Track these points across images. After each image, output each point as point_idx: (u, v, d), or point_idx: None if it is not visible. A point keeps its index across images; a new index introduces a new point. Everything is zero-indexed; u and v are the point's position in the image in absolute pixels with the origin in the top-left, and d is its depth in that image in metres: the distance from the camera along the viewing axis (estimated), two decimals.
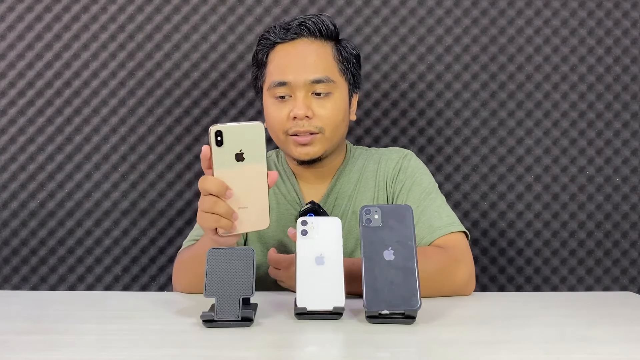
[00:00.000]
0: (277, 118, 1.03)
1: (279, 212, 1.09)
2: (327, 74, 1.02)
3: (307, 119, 1.01)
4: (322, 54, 1.04)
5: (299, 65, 1.02)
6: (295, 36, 1.04)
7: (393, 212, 0.77)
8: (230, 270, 0.72)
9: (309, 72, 1.01)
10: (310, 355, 0.63)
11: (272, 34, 1.05)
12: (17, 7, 1.34)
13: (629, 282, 1.43)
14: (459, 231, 1.01)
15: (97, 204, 1.36)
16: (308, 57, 1.02)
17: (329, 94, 1.03)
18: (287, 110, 1.02)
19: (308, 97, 1.02)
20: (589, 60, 1.42)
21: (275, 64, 1.04)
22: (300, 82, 1.01)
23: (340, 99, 1.04)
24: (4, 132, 1.34)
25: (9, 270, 1.35)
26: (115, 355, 0.60)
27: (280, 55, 1.04)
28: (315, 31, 1.04)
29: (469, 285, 0.96)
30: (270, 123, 1.05)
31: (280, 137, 1.04)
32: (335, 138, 1.05)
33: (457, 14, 1.40)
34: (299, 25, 1.03)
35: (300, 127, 1.01)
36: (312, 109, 1.01)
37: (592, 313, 0.85)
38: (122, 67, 1.36)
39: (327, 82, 1.02)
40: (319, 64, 1.03)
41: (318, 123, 1.02)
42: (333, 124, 1.03)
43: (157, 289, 1.37)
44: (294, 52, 1.03)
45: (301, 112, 1.00)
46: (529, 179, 1.42)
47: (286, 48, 1.04)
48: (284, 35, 1.04)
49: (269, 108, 1.05)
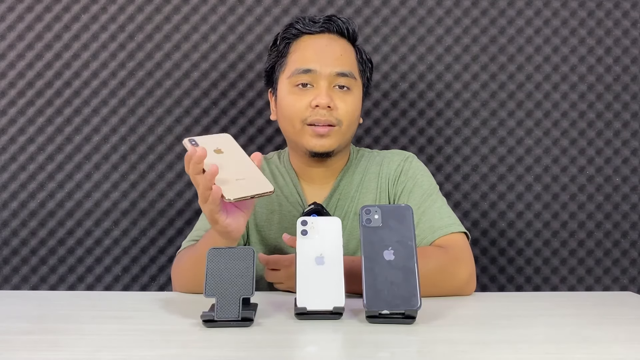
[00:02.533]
0: (295, 106, 1.03)
1: (281, 213, 1.09)
2: (351, 69, 1.05)
3: (328, 109, 1.01)
4: (347, 50, 1.06)
5: (326, 56, 1.03)
6: (323, 30, 1.06)
7: (393, 212, 0.76)
8: (230, 270, 0.72)
9: (336, 64, 1.03)
10: (310, 355, 0.63)
11: (299, 24, 1.06)
12: (17, 7, 1.34)
13: (629, 282, 1.43)
14: (460, 232, 1.01)
15: (97, 204, 1.36)
16: (335, 50, 1.04)
17: (349, 90, 1.04)
18: (307, 98, 1.02)
19: (331, 89, 1.03)
20: (589, 60, 1.42)
21: (300, 53, 1.04)
22: (325, 72, 1.02)
23: (358, 97, 1.07)
24: (4, 132, 1.34)
25: (9, 270, 1.35)
26: (115, 355, 0.60)
27: (306, 44, 1.05)
28: (343, 29, 1.06)
29: (469, 285, 0.96)
30: (287, 111, 1.04)
31: (296, 126, 1.03)
32: (349, 134, 1.06)
33: (457, 14, 1.40)
34: (327, 20, 1.06)
35: (321, 117, 1.01)
36: (334, 100, 1.02)
37: (592, 313, 0.85)
38: (122, 67, 1.36)
39: (350, 77, 1.04)
40: (345, 58, 1.05)
41: (338, 115, 1.03)
42: (351, 118, 1.04)
43: (157, 289, 1.37)
44: (322, 43, 1.05)
45: (324, 101, 1.00)
46: (529, 179, 1.42)
47: (313, 39, 1.06)
48: (311, 27, 1.06)
49: (287, 96, 1.04)
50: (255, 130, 1.38)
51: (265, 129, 1.37)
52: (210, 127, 1.37)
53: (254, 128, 1.38)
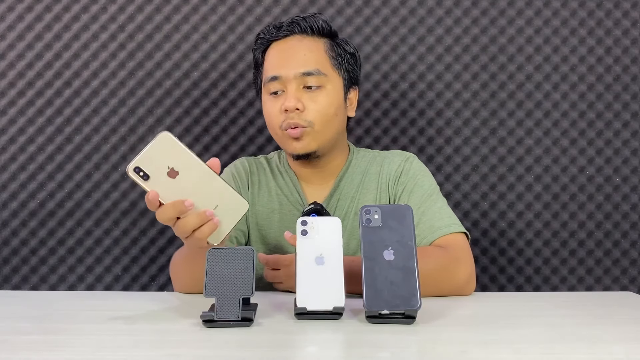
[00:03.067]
0: (271, 113, 1.04)
1: (281, 213, 1.09)
2: (317, 67, 1.03)
3: (297, 111, 1.01)
4: (313, 48, 1.05)
5: (290, 59, 1.03)
6: (288, 33, 1.06)
7: (393, 212, 0.76)
8: (230, 270, 0.72)
9: (299, 65, 1.02)
10: (310, 355, 0.63)
11: (266, 33, 1.07)
12: (17, 7, 1.34)
13: (629, 282, 1.43)
14: (460, 232, 1.01)
15: (97, 204, 1.36)
16: (299, 51, 1.04)
17: (320, 87, 1.03)
18: (279, 104, 1.03)
19: (299, 90, 1.03)
20: (589, 60, 1.42)
21: (269, 61, 1.06)
22: (290, 76, 1.02)
23: (332, 93, 1.04)
24: (4, 132, 1.34)
25: (9, 270, 1.35)
26: (115, 355, 0.60)
27: (273, 52, 1.06)
28: (307, 28, 1.05)
29: (469, 285, 0.96)
30: (267, 119, 1.07)
31: (277, 133, 1.05)
32: (328, 132, 1.05)
33: (457, 14, 1.40)
34: (290, 23, 1.06)
35: (291, 120, 1.02)
36: (302, 102, 1.02)
37: (592, 313, 0.85)
38: (122, 67, 1.36)
39: (317, 74, 1.03)
40: (309, 57, 1.04)
41: (308, 117, 1.02)
42: (324, 117, 1.03)
43: (157, 289, 1.37)
44: (286, 48, 1.05)
45: (291, 104, 1.00)
46: (529, 179, 1.42)
47: (279, 45, 1.06)
48: (276, 33, 1.06)
49: (265, 104, 1.07)
50: (255, 130, 1.38)
51: (264, 129, 1.37)
52: (210, 127, 1.37)
53: (254, 128, 1.38)
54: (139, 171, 0.73)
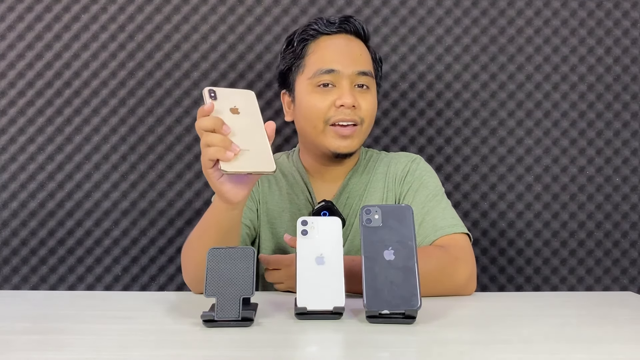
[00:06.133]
0: (318, 106, 1.03)
1: (291, 211, 1.10)
2: (370, 68, 1.06)
3: (352, 108, 1.02)
4: (364, 50, 1.08)
5: (347, 56, 1.04)
6: (340, 30, 1.07)
7: (393, 212, 0.76)
8: (231, 270, 0.72)
9: (357, 64, 1.04)
10: (310, 355, 0.63)
11: (317, 25, 1.07)
12: (17, 7, 1.34)
13: (629, 282, 1.43)
14: (462, 232, 1.01)
15: (97, 204, 1.36)
16: (354, 50, 1.06)
17: (369, 88, 1.06)
18: (330, 98, 1.03)
19: (352, 88, 1.04)
20: (589, 60, 1.42)
21: (320, 54, 1.05)
22: (347, 72, 1.03)
23: (375, 95, 1.09)
24: (4, 132, 1.34)
25: (9, 270, 1.35)
26: (115, 355, 0.60)
27: (325, 45, 1.06)
28: (358, 30, 1.08)
29: (469, 285, 0.96)
30: (308, 112, 1.04)
31: (318, 127, 1.03)
32: (368, 132, 1.08)
33: (457, 14, 1.40)
34: (344, 21, 1.07)
35: (346, 116, 1.02)
36: (357, 99, 1.03)
37: (592, 313, 0.85)
38: (122, 67, 1.36)
39: (369, 76, 1.05)
40: (365, 57, 1.06)
41: (361, 114, 1.04)
42: (372, 116, 1.06)
43: (157, 289, 1.37)
44: (341, 44, 1.06)
45: (349, 101, 1.01)
46: (529, 179, 1.42)
47: (333, 40, 1.06)
48: (329, 28, 1.06)
49: (309, 96, 1.04)
50: None
51: None
52: None
53: None
54: (212, 93, 0.80)
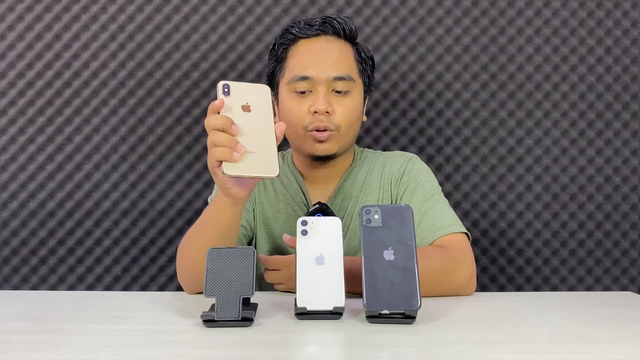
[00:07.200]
0: (296, 112, 1.03)
1: (287, 213, 1.09)
2: (348, 72, 1.03)
3: (326, 114, 1.01)
4: (344, 52, 1.05)
5: (322, 61, 1.02)
6: (319, 32, 1.05)
7: (393, 212, 0.76)
8: (231, 270, 0.72)
9: (332, 69, 1.02)
10: (310, 355, 0.63)
11: (295, 29, 1.05)
12: (17, 7, 1.34)
13: (629, 282, 1.43)
14: (461, 232, 1.01)
15: (97, 204, 1.36)
16: (331, 54, 1.03)
17: (347, 92, 1.04)
18: (307, 104, 1.02)
19: (329, 94, 1.03)
20: (589, 60, 1.42)
21: (297, 59, 1.04)
22: (322, 78, 1.02)
23: (357, 98, 1.06)
24: (4, 132, 1.34)
25: (9, 270, 1.35)
26: (115, 355, 0.60)
27: (302, 50, 1.04)
28: (340, 30, 1.05)
29: (469, 285, 0.96)
30: (288, 117, 1.04)
31: (298, 132, 1.04)
32: (348, 136, 1.06)
33: (457, 14, 1.40)
34: (323, 22, 1.05)
35: (320, 122, 1.01)
36: (332, 105, 1.02)
37: (592, 313, 0.85)
38: (122, 67, 1.36)
39: (347, 80, 1.03)
40: (341, 61, 1.04)
41: (335, 120, 1.02)
42: (349, 122, 1.04)
43: (157, 289, 1.37)
44: (317, 48, 1.04)
45: (322, 107, 1.00)
46: (529, 179, 1.42)
47: (309, 43, 1.05)
48: (307, 31, 1.04)
49: (288, 102, 1.04)
50: None
51: None
52: None
53: None
54: (226, 88, 0.78)
